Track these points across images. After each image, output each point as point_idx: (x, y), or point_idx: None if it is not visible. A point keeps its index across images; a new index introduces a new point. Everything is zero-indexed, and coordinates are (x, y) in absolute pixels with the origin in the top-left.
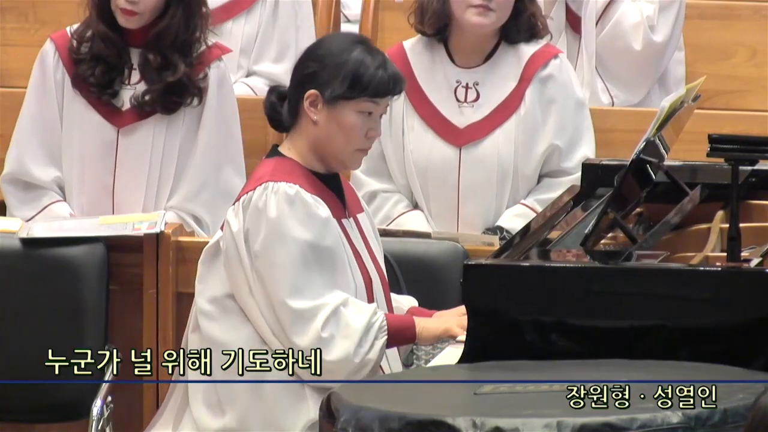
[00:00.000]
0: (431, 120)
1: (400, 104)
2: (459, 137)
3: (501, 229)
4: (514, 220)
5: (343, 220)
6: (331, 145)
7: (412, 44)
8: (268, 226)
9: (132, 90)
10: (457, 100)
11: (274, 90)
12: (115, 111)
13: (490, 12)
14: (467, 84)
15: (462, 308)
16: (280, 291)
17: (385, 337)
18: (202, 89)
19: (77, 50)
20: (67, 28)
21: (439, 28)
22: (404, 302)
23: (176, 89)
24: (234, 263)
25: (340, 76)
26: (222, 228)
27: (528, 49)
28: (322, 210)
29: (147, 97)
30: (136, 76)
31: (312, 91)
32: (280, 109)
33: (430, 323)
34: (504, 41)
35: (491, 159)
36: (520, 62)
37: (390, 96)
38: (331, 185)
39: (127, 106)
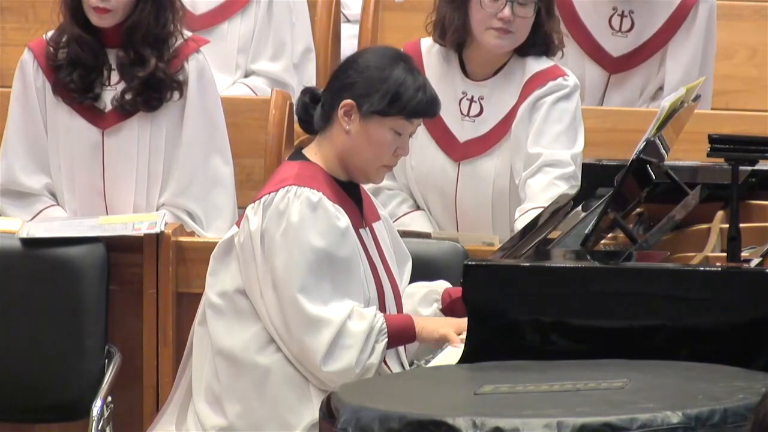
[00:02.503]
0: (434, 130)
1: None
2: (457, 152)
3: None
4: None
5: (360, 230)
6: (358, 156)
7: (429, 45)
8: (288, 230)
9: (113, 91)
10: (461, 112)
11: (308, 91)
12: (98, 113)
13: (510, 34)
14: (472, 97)
15: None
16: (292, 288)
17: (386, 340)
18: (181, 83)
19: (54, 57)
20: (44, 35)
21: (459, 44)
22: (437, 287)
23: (153, 85)
24: (249, 261)
25: (380, 92)
26: (237, 224)
27: (533, 66)
28: (342, 221)
29: (127, 96)
30: (115, 76)
31: (348, 100)
32: (313, 111)
33: (429, 324)
34: (516, 53)
35: (487, 177)
36: (523, 80)
37: (425, 118)
38: (351, 194)
39: (109, 107)
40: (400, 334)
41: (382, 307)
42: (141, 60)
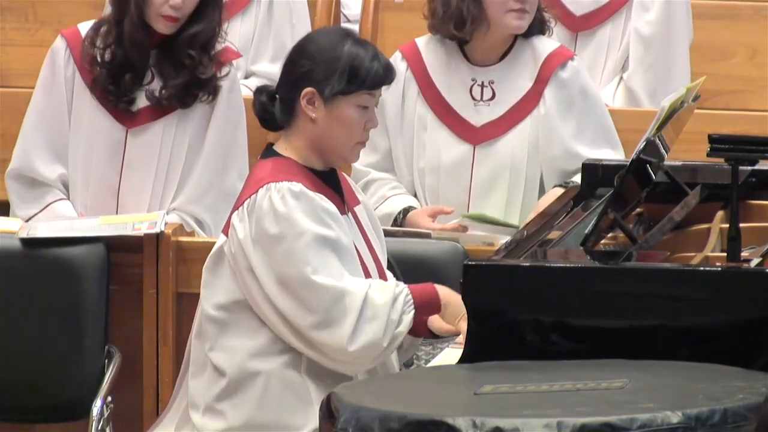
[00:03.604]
0: (446, 117)
1: (412, 101)
2: (475, 136)
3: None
4: None
5: (343, 217)
6: (331, 141)
7: (426, 42)
8: (279, 221)
9: (143, 91)
10: (473, 98)
11: (263, 90)
12: (125, 111)
13: (527, 14)
14: (483, 82)
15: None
16: (304, 273)
17: (413, 311)
18: (218, 88)
19: (95, 56)
20: (79, 26)
21: (473, 33)
22: None
23: (195, 84)
24: (244, 270)
25: (337, 72)
26: (224, 232)
27: (543, 48)
28: (328, 204)
29: (165, 92)
30: (148, 76)
31: (309, 89)
32: (272, 108)
33: (454, 298)
34: (519, 36)
35: (505, 158)
36: (536, 61)
37: (384, 86)
38: (329, 182)
39: (138, 106)
40: (426, 303)
41: None
42: (199, 63)
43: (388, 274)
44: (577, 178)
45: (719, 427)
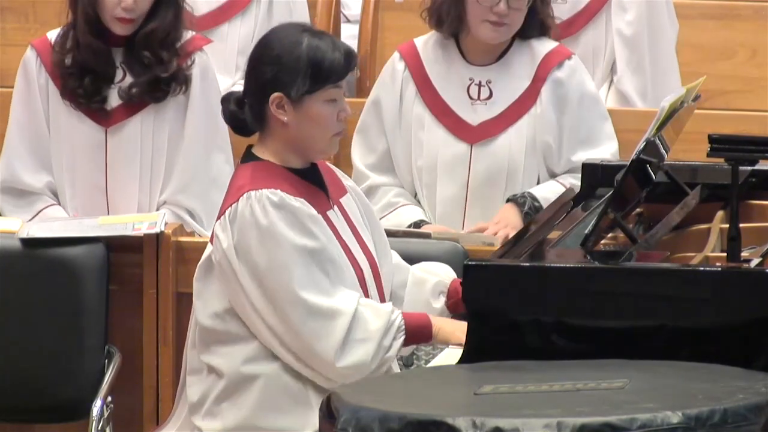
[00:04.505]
0: (443, 117)
1: (410, 101)
2: (472, 134)
3: (533, 197)
4: (548, 192)
5: (329, 213)
6: (306, 139)
7: (424, 41)
8: (262, 235)
9: (116, 88)
10: (470, 97)
11: (230, 98)
12: (101, 111)
13: (504, 26)
14: (480, 82)
15: None
16: (290, 288)
17: (403, 337)
18: (188, 78)
19: (61, 62)
20: (48, 34)
21: (456, 32)
22: (444, 276)
23: (162, 79)
24: (231, 279)
25: (300, 73)
26: (211, 241)
27: (541, 48)
28: (310, 211)
29: (134, 90)
30: (119, 74)
31: (276, 94)
32: (242, 115)
33: (446, 326)
34: (517, 37)
35: (502, 157)
36: (534, 61)
37: (350, 73)
38: (311, 179)
39: (113, 105)
40: (417, 333)
41: (363, 288)
42: (160, 61)
43: (390, 259)
44: (568, 178)
45: (719, 427)
